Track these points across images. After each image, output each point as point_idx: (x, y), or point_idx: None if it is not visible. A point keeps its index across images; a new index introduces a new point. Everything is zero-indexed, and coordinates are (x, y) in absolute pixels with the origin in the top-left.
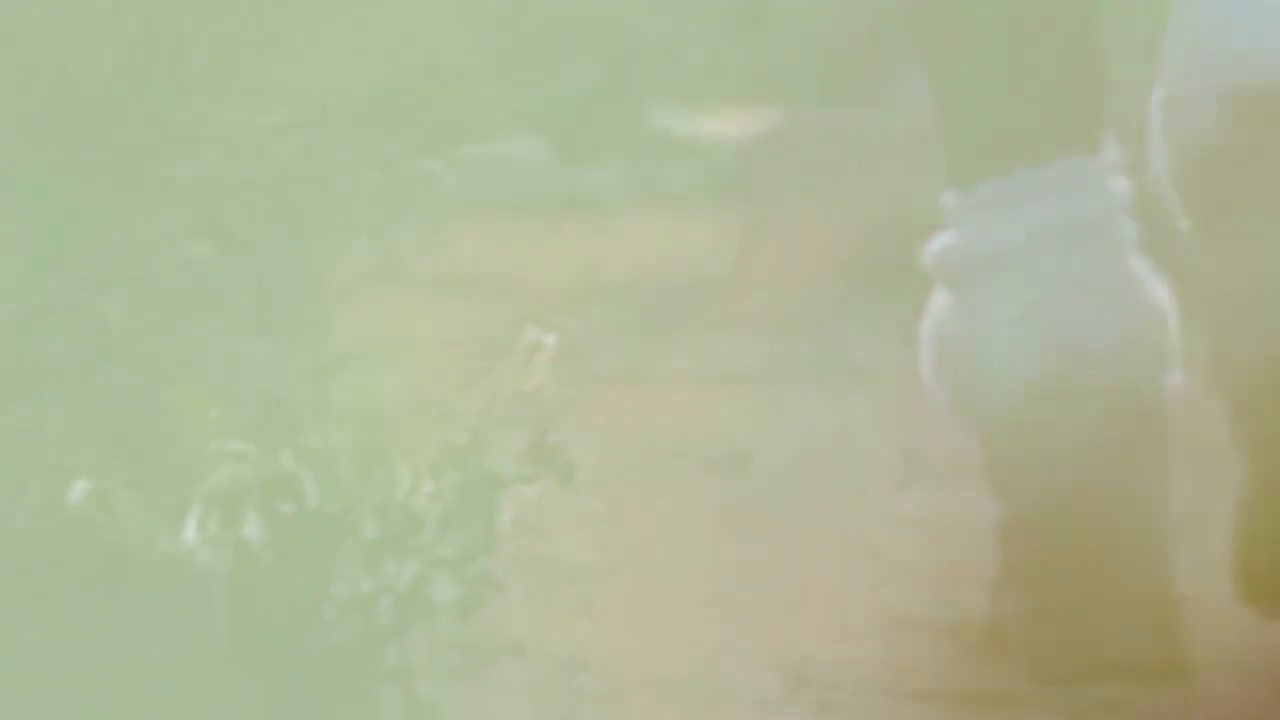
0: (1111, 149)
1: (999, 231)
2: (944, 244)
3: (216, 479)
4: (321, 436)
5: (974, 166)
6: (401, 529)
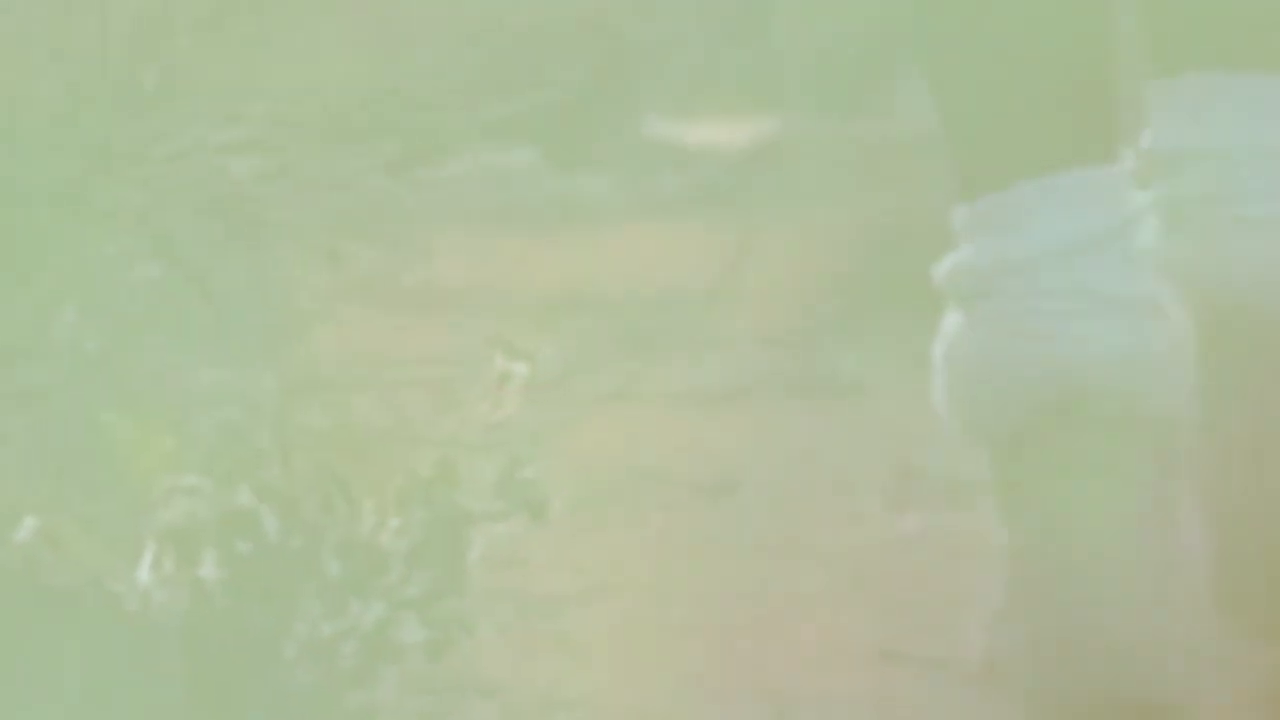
0: (1127, 159)
1: (1009, 246)
2: (954, 262)
3: (171, 515)
4: (282, 470)
5: (983, 180)
6: (366, 567)
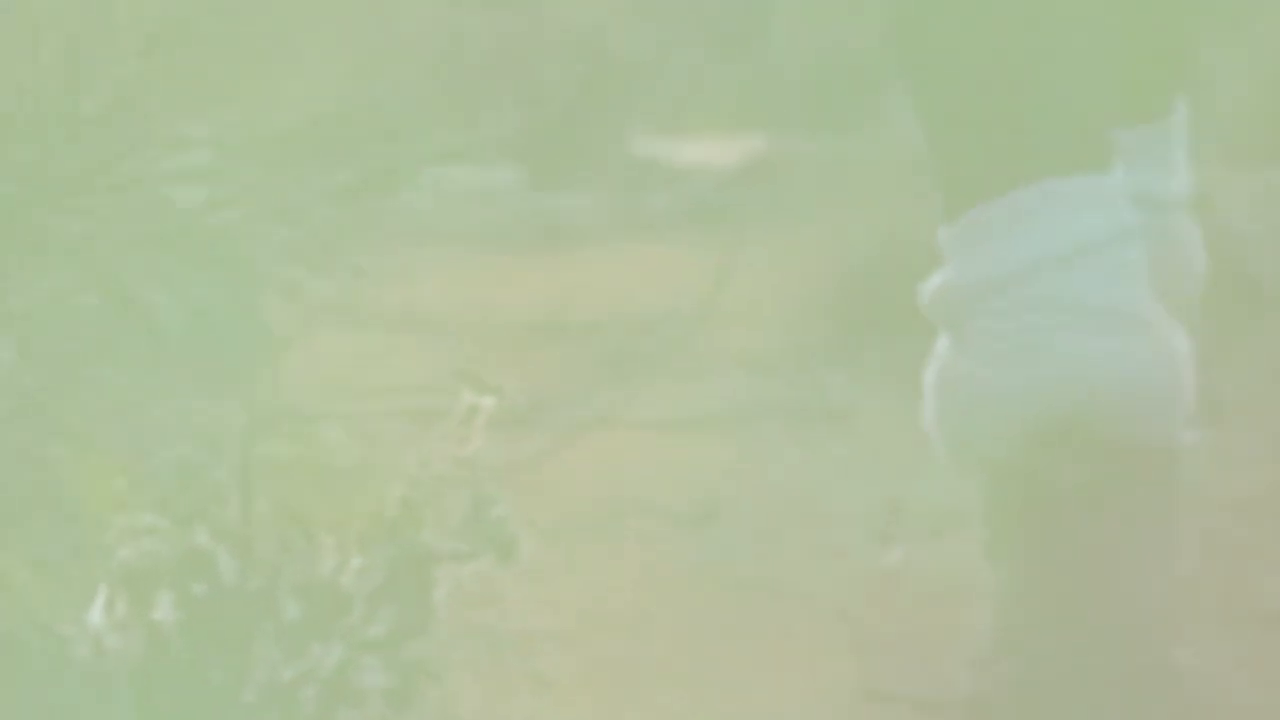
0: (1119, 168)
1: (992, 261)
2: (939, 283)
3: (125, 556)
4: (239, 508)
5: (965, 195)
6: (326, 609)
